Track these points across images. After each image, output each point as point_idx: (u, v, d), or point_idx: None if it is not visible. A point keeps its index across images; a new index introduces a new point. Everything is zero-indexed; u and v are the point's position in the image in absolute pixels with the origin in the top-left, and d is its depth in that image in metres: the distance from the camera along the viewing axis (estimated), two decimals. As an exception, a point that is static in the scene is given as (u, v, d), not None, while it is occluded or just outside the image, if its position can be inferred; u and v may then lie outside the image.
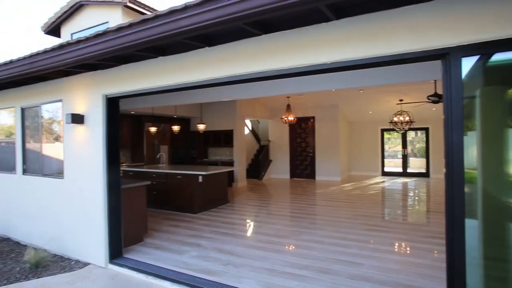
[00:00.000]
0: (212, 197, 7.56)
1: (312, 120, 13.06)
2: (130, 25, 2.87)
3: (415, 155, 15.46)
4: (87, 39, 3.29)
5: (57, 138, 5.10)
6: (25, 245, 5.22)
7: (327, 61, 2.64)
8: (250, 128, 14.34)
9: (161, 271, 3.90)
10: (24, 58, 3.92)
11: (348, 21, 2.54)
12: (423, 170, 13.38)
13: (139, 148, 10.46)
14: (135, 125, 10.39)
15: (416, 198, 9.29)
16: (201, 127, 10.66)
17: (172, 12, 2.63)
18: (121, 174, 4.71)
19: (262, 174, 12.99)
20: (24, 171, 5.50)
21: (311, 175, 13.00)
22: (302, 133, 13.37)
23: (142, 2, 8.02)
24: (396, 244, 4.90)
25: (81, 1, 8.26)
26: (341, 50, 2.57)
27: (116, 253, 4.39)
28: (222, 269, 3.99)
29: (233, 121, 11.43)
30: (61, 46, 3.52)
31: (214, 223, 6.24)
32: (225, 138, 11.73)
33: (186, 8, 2.55)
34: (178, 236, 5.40)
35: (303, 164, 13.29)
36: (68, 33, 9.10)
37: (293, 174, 13.45)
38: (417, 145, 15.53)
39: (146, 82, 3.84)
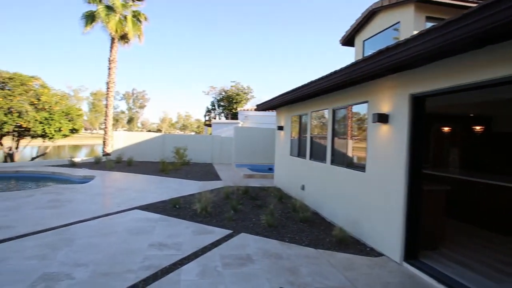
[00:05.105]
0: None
1: None
2: (465, 16, 2.64)
3: None
4: (407, 41, 3.39)
5: (349, 135, 5.76)
6: (329, 222, 6.34)
7: None
8: None
9: (469, 291, 3.43)
10: (346, 67, 4.68)
11: None
12: None
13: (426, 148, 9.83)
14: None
15: None
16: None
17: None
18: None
19: None
20: (332, 162, 6.66)
21: None
22: None
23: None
24: None
25: (373, 8, 8.84)
26: None
27: (411, 254, 4.34)
28: None
29: None
30: (379, 52, 3.87)
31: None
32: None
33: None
34: (487, 258, 4.53)
35: None
36: (360, 41, 10.09)
37: None
38: None
39: (465, 77, 3.44)
